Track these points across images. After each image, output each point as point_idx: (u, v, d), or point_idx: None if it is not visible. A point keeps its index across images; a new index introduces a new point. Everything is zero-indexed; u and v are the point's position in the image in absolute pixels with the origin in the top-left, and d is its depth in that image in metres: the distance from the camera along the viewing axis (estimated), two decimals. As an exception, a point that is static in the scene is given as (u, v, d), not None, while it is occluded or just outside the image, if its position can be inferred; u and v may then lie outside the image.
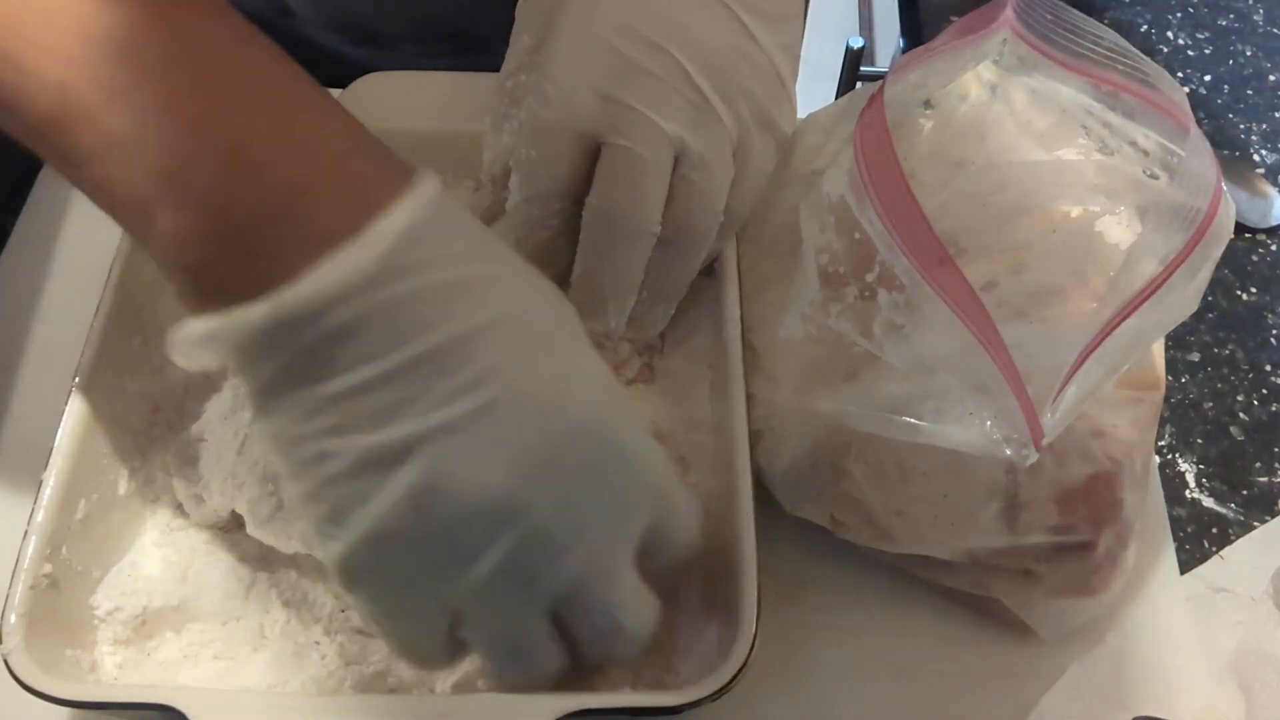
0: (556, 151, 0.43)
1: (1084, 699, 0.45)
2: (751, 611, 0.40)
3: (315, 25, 0.67)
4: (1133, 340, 0.40)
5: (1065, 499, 0.44)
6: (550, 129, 0.43)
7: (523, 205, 0.44)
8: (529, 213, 0.44)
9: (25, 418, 0.51)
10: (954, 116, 0.50)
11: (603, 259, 0.44)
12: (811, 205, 0.46)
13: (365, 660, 0.43)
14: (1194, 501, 0.53)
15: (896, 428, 0.41)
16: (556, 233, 0.44)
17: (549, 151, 0.43)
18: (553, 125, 0.42)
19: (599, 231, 0.43)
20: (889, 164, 0.41)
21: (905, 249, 0.40)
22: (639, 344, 0.49)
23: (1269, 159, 0.66)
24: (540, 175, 0.43)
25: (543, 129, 0.43)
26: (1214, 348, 0.58)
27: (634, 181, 0.42)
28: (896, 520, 0.45)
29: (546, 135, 0.43)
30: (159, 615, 0.43)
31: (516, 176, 0.44)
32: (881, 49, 1.35)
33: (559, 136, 0.43)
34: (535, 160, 0.43)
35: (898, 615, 0.48)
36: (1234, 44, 0.73)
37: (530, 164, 0.43)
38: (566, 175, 0.43)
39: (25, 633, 0.39)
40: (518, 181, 0.44)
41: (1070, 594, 0.45)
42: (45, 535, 0.41)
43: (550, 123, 0.42)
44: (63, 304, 0.55)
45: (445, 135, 0.53)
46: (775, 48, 0.45)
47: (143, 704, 0.39)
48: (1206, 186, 0.41)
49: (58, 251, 0.57)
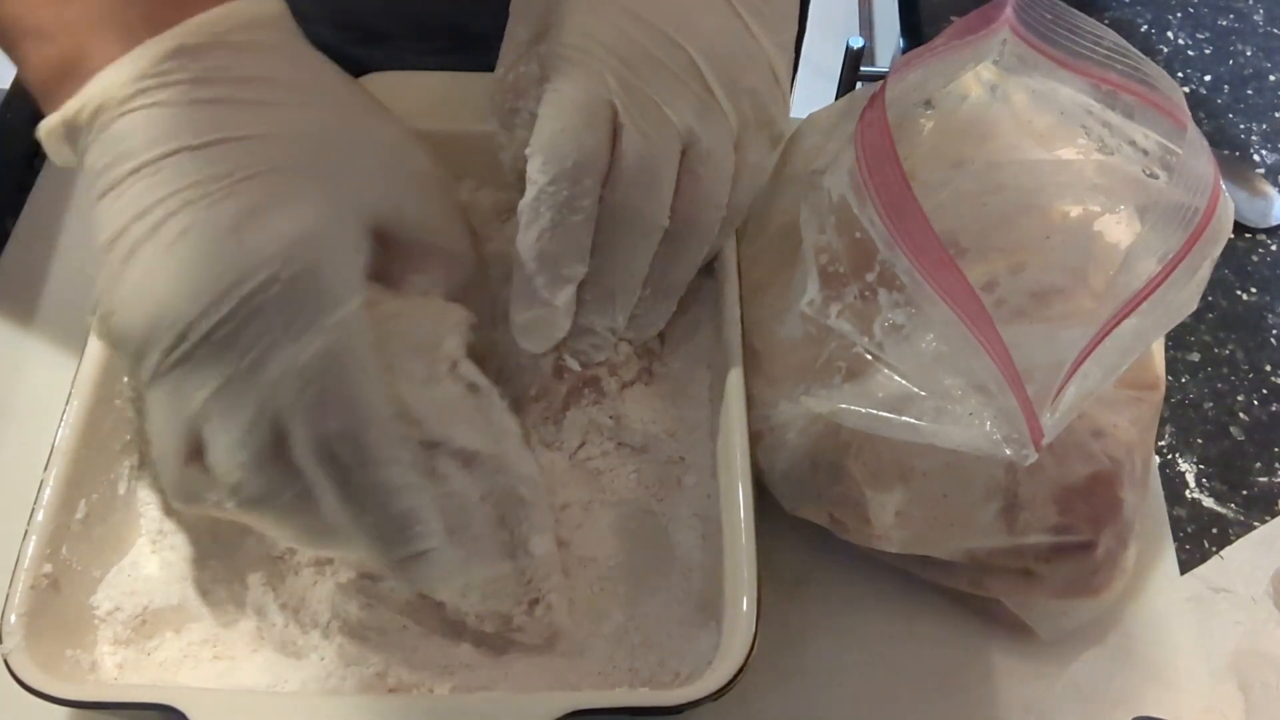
0: (585, 122, 0.42)
1: (1084, 699, 0.45)
2: (751, 611, 0.40)
3: (316, 22, 0.67)
4: (1133, 340, 0.40)
5: (1065, 499, 0.44)
6: (576, 99, 0.42)
7: (549, 189, 0.42)
8: (558, 195, 0.42)
9: (25, 418, 0.52)
10: (954, 116, 0.50)
11: (616, 252, 0.43)
12: (812, 205, 0.46)
13: (364, 661, 0.43)
14: (1194, 501, 0.53)
15: (896, 428, 0.41)
16: (586, 217, 0.43)
17: (576, 122, 0.42)
18: (578, 95, 0.42)
19: (614, 224, 0.43)
20: (890, 164, 0.41)
21: (906, 249, 0.40)
22: (639, 346, 0.49)
23: (1269, 159, 0.66)
24: (569, 149, 0.42)
25: (568, 100, 0.42)
26: (1214, 348, 0.58)
27: (649, 172, 0.42)
28: (896, 520, 0.45)
29: (573, 105, 0.42)
30: (159, 615, 0.43)
31: (539, 159, 0.42)
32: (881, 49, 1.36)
33: (586, 106, 0.41)
34: (562, 134, 0.42)
35: (898, 615, 0.48)
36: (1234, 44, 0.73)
37: (557, 139, 0.42)
38: (595, 149, 0.42)
39: (25, 633, 0.39)
40: (542, 163, 0.42)
41: (1070, 594, 0.45)
42: (45, 535, 0.41)
43: (575, 93, 0.42)
44: (63, 304, 0.55)
45: (445, 135, 0.53)
46: (773, 46, 0.45)
47: (143, 704, 0.39)
48: (1205, 185, 0.41)
49: (58, 251, 0.57)
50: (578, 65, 0.42)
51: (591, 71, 0.42)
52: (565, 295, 0.44)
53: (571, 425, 0.48)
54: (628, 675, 0.43)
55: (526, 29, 0.45)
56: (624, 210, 0.42)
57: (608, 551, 0.46)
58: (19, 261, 0.57)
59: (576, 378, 0.48)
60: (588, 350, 0.47)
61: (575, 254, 0.43)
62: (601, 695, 0.41)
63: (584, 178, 0.42)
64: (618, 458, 0.48)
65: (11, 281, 0.56)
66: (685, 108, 0.42)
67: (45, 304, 0.55)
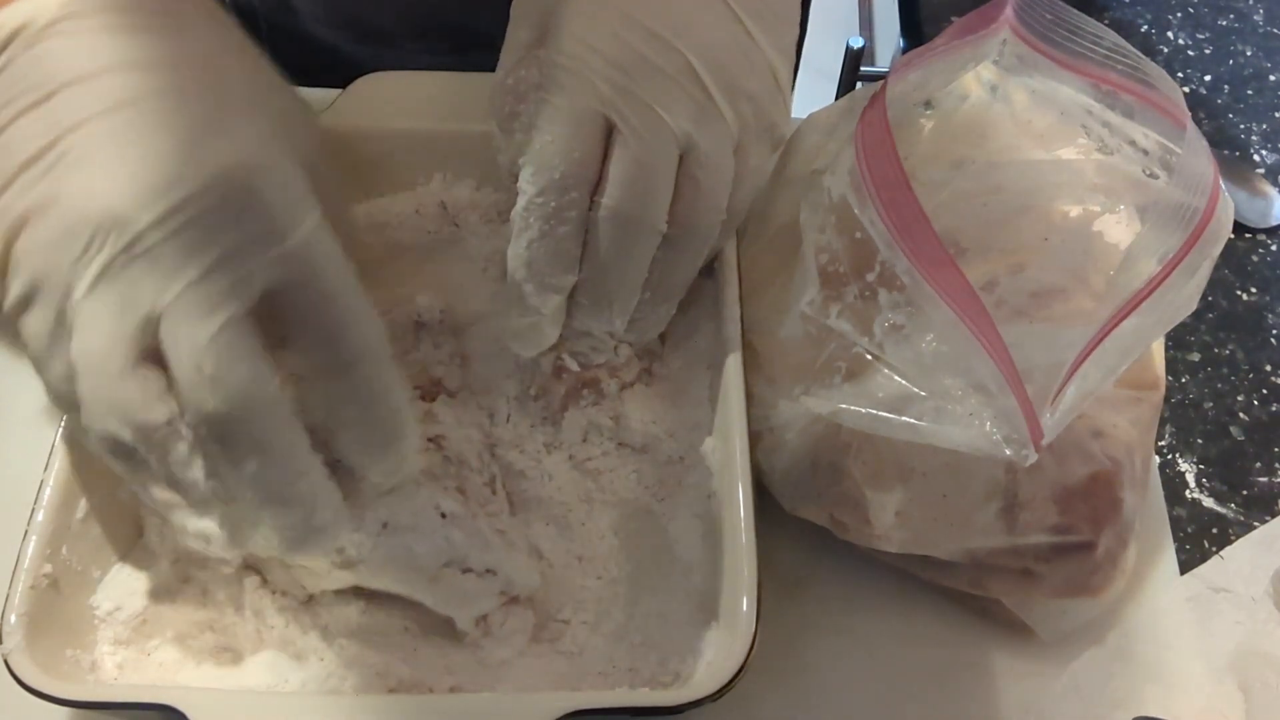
0: (573, 133, 0.42)
1: (1084, 699, 0.45)
2: (751, 611, 0.40)
3: (316, 21, 0.67)
4: (1132, 340, 0.40)
5: (1065, 499, 0.44)
6: (566, 110, 0.42)
7: (537, 200, 0.43)
8: (545, 207, 0.43)
9: (25, 418, 0.51)
10: (954, 116, 0.50)
11: (612, 258, 0.43)
12: (812, 205, 0.46)
13: (364, 661, 0.43)
14: (1194, 501, 0.53)
15: (896, 428, 0.41)
16: (574, 228, 0.43)
17: (565, 133, 0.42)
18: (568, 107, 0.42)
19: (610, 230, 0.43)
20: (890, 163, 0.41)
21: (906, 249, 0.40)
22: (639, 347, 0.49)
23: (1269, 159, 0.66)
24: (557, 161, 0.42)
25: (558, 111, 0.42)
26: (1214, 348, 0.58)
27: (645, 178, 0.42)
28: (896, 520, 0.45)
29: (563, 117, 0.42)
30: (159, 615, 0.43)
31: (530, 169, 0.43)
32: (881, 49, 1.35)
33: (575, 117, 0.42)
34: (550, 145, 0.42)
35: (898, 615, 0.48)
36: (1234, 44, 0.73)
37: (545, 151, 0.42)
38: (582, 160, 0.42)
39: (25, 633, 0.39)
40: (531, 174, 0.43)
41: (1070, 594, 0.45)
42: (45, 535, 0.41)
43: (566, 104, 0.42)
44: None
45: (445, 135, 0.53)
46: (773, 50, 0.45)
47: (143, 704, 0.39)
48: (1204, 185, 0.41)
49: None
50: (571, 75, 0.42)
51: (584, 81, 0.42)
52: (553, 304, 0.44)
53: (571, 425, 0.48)
54: (628, 675, 0.43)
55: (527, 31, 0.45)
56: (620, 215, 0.42)
57: (608, 551, 0.46)
58: (19, 261, 0.57)
59: (575, 378, 0.48)
60: (586, 352, 0.47)
61: (563, 264, 0.43)
62: (601, 695, 0.41)
63: (571, 189, 0.42)
64: (618, 458, 0.48)
65: (11, 281, 0.56)
66: (682, 113, 0.42)
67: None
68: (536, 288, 0.44)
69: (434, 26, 0.66)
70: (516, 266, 0.44)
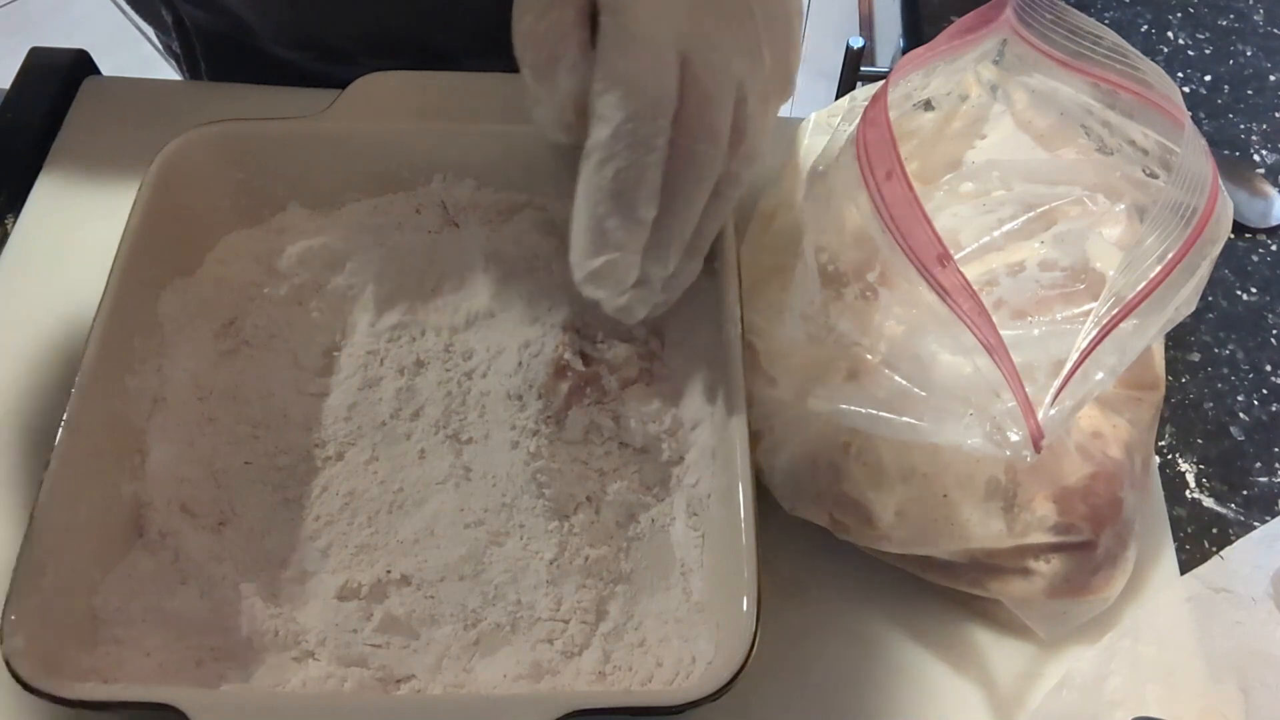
0: (660, 60, 0.41)
1: (1084, 699, 0.45)
2: (751, 612, 0.40)
3: (275, 42, 0.66)
4: (1133, 340, 0.40)
5: (1065, 499, 0.44)
6: (650, 38, 0.41)
7: (627, 126, 0.40)
8: (636, 132, 0.40)
9: (26, 417, 0.52)
10: (954, 116, 0.51)
11: (677, 197, 0.42)
12: (812, 205, 0.46)
13: (364, 661, 0.43)
14: (1194, 501, 0.53)
15: (896, 428, 0.41)
16: (660, 156, 0.41)
17: (652, 60, 0.41)
18: (649, 35, 0.41)
19: (683, 163, 0.41)
20: (891, 163, 0.41)
21: (906, 248, 0.40)
22: (639, 346, 0.49)
23: (1269, 159, 0.66)
24: (648, 84, 0.40)
25: (641, 39, 0.41)
26: (1214, 348, 0.58)
27: (716, 114, 0.41)
28: (896, 520, 0.45)
29: (647, 44, 0.41)
30: (159, 616, 0.43)
31: (616, 93, 0.40)
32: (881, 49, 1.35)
33: (656, 46, 0.41)
34: (639, 68, 0.41)
35: (898, 615, 0.48)
36: (1234, 44, 0.73)
37: (633, 74, 0.41)
38: (670, 86, 0.41)
39: (25, 633, 0.39)
40: (619, 98, 0.40)
41: (1070, 594, 0.45)
42: (45, 535, 0.41)
43: (648, 33, 0.41)
44: (63, 304, 0.55)
45: (445, 135, 0.53)
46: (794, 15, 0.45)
47: (143, 704, 0.39)
48: (1203, 185, 0.41)
49: (58, 251, 0.57)
50: (648, 6, 0.41)
51: (663, 12, 0.41)
52: (637, 238, 0.42)
53: (573, 424, 0.48)
54: (628, 675, 0.43)
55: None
56: (690, 153, 0.41)
57: (608, 551, 0.46)
58: (19, 261, 0.57)
59: (579, 377, 0.48)
60: (633, 306, 0.45)
61: (649, 194, 0.42)
62: (601, 695, 0.41)
63: (660, 115, 0.41)
64: (619, 458, 0.48)
65: (11, 281, 0.56)
66: (741, 55, 0.42)
67: (45, 304, 0.55)
68: (624, 220, 0.41)
69: (394, 46, 0.64)
70: (600, 199, 0.41)
